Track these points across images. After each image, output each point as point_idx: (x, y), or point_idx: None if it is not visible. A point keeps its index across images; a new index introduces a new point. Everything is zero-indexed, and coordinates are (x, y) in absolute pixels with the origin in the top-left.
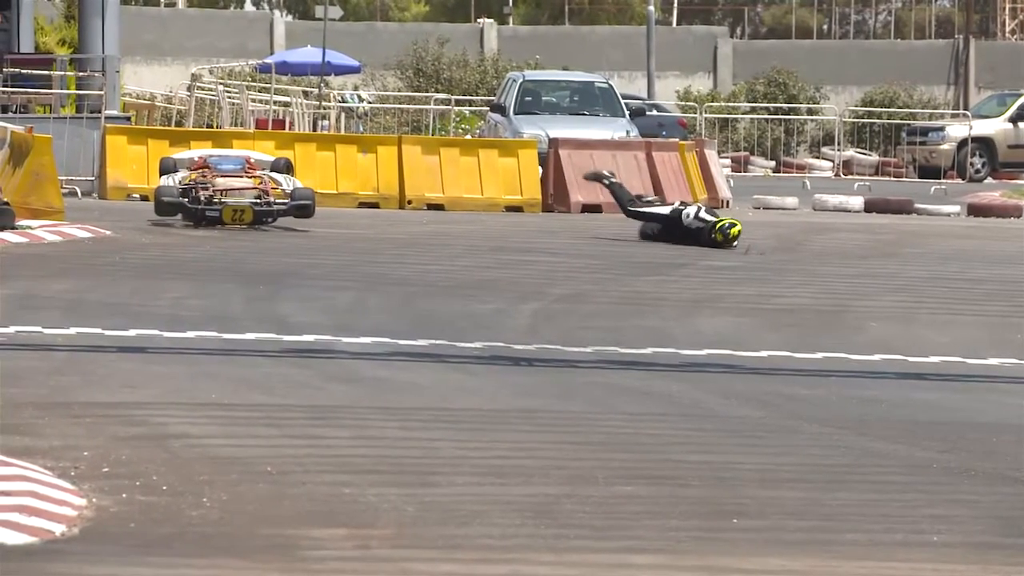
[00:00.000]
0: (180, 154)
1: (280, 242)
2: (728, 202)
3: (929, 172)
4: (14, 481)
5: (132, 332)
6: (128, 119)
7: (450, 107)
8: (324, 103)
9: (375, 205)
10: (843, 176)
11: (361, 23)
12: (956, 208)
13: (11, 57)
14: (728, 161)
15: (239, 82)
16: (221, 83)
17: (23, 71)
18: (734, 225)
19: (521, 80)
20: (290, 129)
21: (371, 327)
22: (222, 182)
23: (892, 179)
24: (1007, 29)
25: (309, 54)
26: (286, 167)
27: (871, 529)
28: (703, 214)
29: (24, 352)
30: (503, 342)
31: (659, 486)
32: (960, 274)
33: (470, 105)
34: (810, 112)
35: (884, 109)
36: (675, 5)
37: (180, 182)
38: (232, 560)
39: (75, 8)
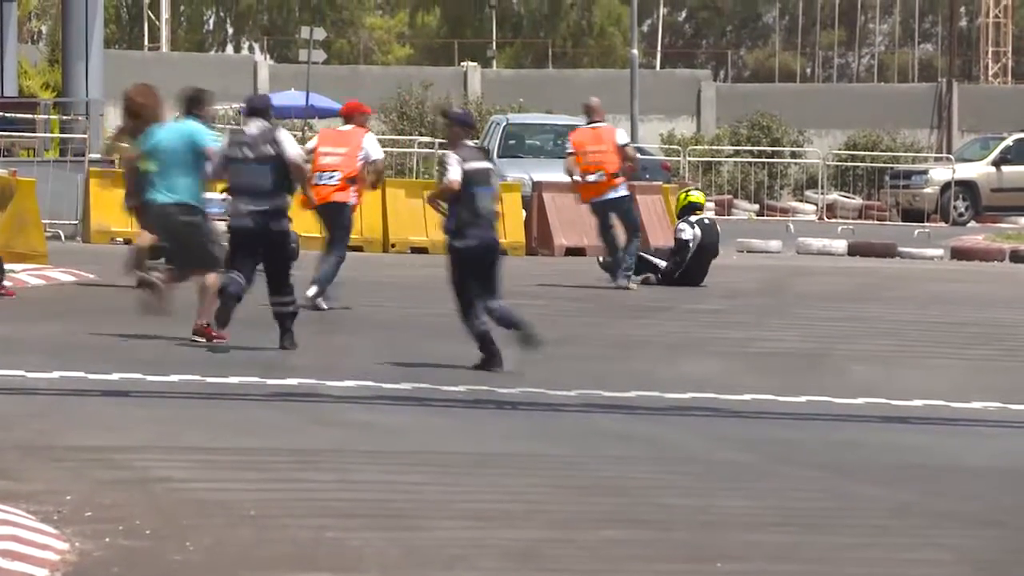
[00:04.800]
0: None
1: (264, 286)
2: None
3: (912, 216)
4: None
5: (115, 376)
6: (112, 163)
7: (434, 150)
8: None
9: (359, 249)
10: (827, 219)
11: (345, 67)
12: (939, 252)
13: None
14: (712, 204)
15: (223, 125)
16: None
17: (7, 115)
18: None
19: (505, 123)
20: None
21: (355, 370)
22: None
23: (876, 223)
24: (990, 73)
25: (292, 97)
26: None
27: (854, 573)
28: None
29: (7, 396)
30: (487, 386)
31: (643, 529)
32: (943, 317)
33: None
34: (793, 155)
35: (867, 152)
36: (658, 48)
37: None
38: None
39: (59, 52)
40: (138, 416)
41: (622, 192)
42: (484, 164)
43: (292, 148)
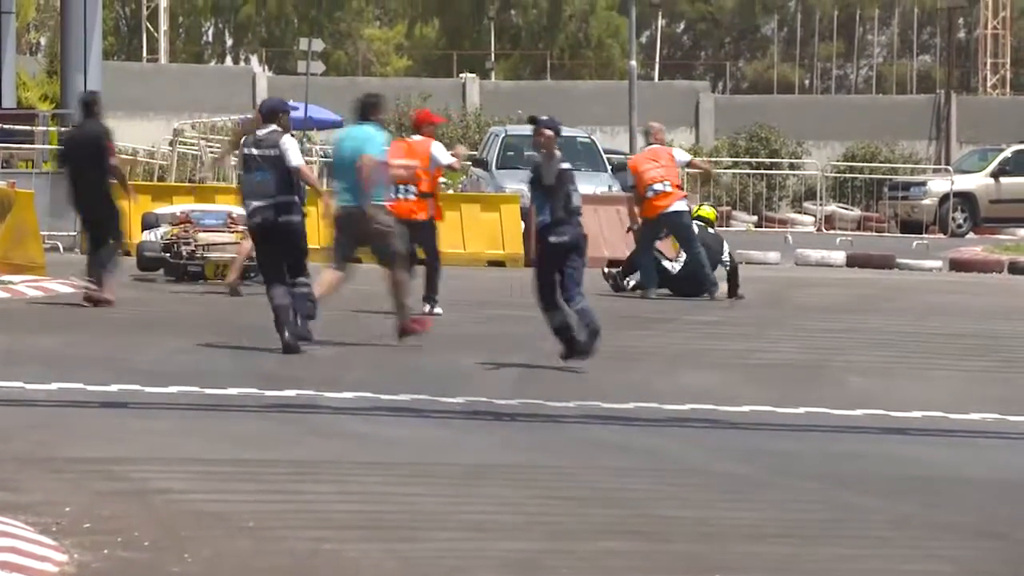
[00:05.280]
0: (162, 209)
1: (262, 297)
2: None
3: (911, 227)
4: None
5: (114, 387)
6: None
7: None
8: (307, 158)
9: (357, 260)
10: (825, 231)
11: (343, 78)
12: (938, 263)
13: None
14: None
15: (222, 137)
16: (203, 138)
17: (5, 126)
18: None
19: (503, 135)
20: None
21: (353, 382)
22: (204, 237)
23: (874, 234)
24: (988, 84)
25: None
26: None
27: None
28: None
29: (6, 407)
30: (485, 397)
31: (642, 541)
32: (942, 329)
33: None
34: (792, 167)
35: (866, 164)
36: (657, 60)
37: (162, 237)
38: None
39: (57, 63)
40: (137, 427)
41: (684, 206)
42: (570, 165)
43: (295, 155)
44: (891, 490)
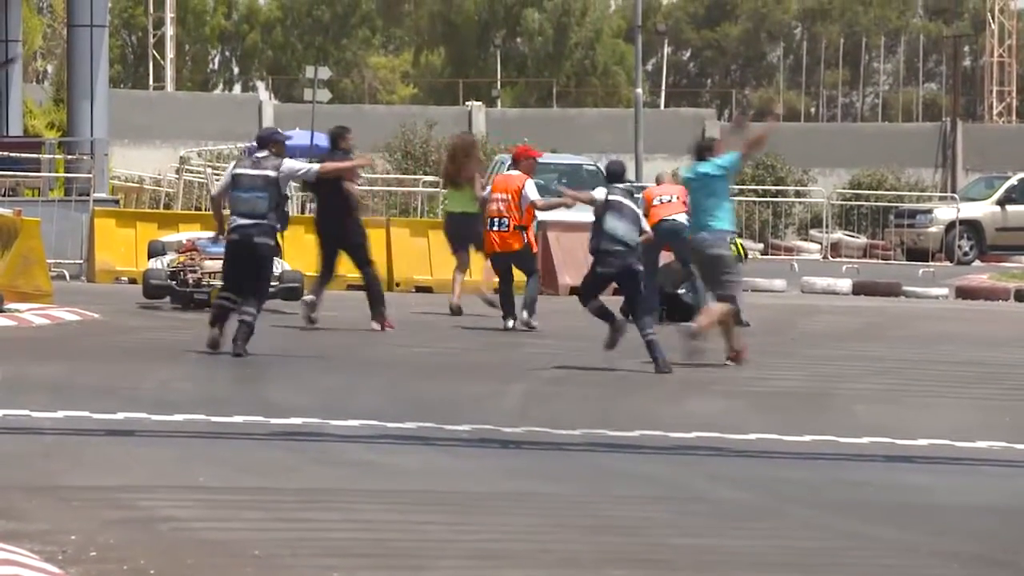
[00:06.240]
0: (168, 237)
1: (268, 325)
2: None
3: (917, 255)
4: (1, 565)
5: (120, 415)
6: (116, 202)
7: (439, 189)
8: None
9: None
10: (831, 258)
11: (349, 106)
12: (944, 291)
13: (0, 140)
14: None
15: (227, 165)
16: (209, 166)
17: (12, 154)
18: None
19: (509, 162)
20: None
21: (359, 410)
22: (210, 265)
23: (880, 261)
24: (994, 112)
25: (297, 137)
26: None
27: None
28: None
29: (11, 435)
30: (492, 424)
31: (649, 569)
32: (948, 357)
33: None
34: (798, 194)
35: (872, 191)
36: (663, 87)
37: (168, 265)
38: None
39: (64, 92)
40: (142, 455)
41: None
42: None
43: (303, 166)
44: (897, 518)
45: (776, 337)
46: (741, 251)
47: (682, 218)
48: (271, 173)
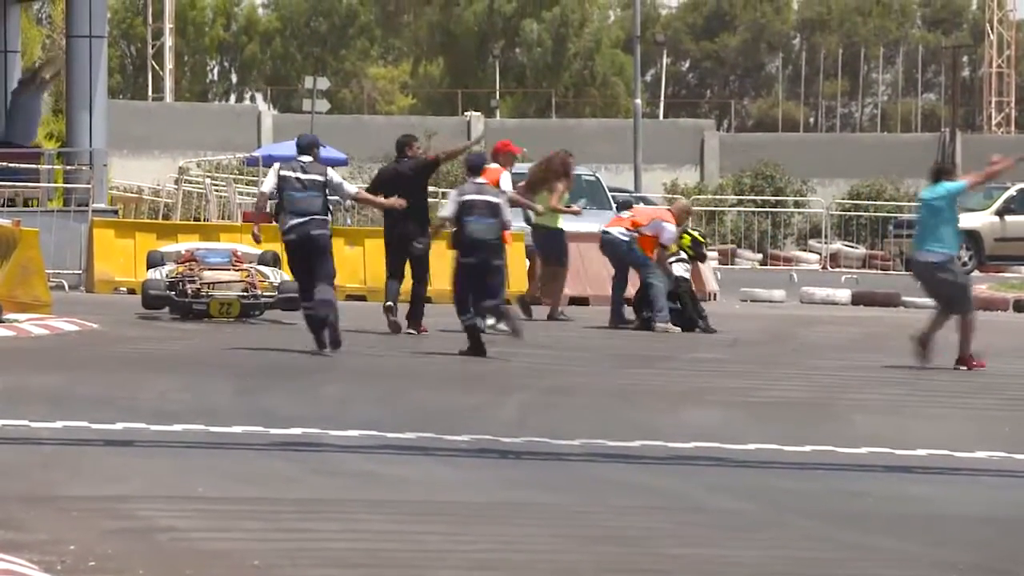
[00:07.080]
0: (167, 247)
1: (267, 335)
2: (715, 295)
3: None
4: None
5: (119, 425)
6: (115, 212)
7: (437, 199)
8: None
9: (363, 298)
10: (830, 269)
11: (348, 116)
12: None
13: None
14: (715, 254)
15: (226, 175)
16: (208, 176)
17: (10, 164)
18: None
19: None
20: (276, 222)
21: (358, 420)
22: (209, 275)
23: (879, 272)
24: (993, 122)
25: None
26: (273, 260)
27: None
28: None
29: (10, 446)
30: (490, 435)
31: None
32: (947, 367)
33: None
34: (797, 205)
35: (871, 202)
36: (662, 98)
37: (167, 275)
38: None
39: (63, 102)
40: (141, 466)
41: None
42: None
43: (347, 184)
44: (897, 528)
45: (775, 347)
46: (694, 239)
47: (615, 231)
48: (319, 177)
